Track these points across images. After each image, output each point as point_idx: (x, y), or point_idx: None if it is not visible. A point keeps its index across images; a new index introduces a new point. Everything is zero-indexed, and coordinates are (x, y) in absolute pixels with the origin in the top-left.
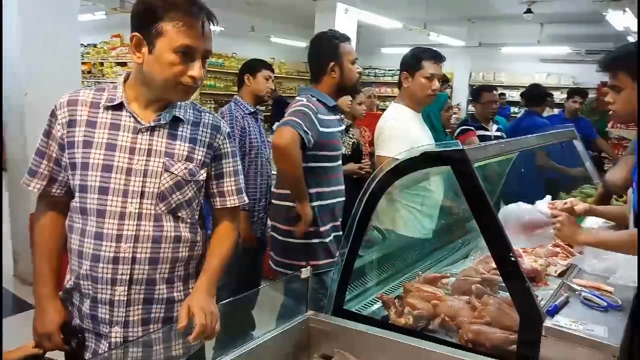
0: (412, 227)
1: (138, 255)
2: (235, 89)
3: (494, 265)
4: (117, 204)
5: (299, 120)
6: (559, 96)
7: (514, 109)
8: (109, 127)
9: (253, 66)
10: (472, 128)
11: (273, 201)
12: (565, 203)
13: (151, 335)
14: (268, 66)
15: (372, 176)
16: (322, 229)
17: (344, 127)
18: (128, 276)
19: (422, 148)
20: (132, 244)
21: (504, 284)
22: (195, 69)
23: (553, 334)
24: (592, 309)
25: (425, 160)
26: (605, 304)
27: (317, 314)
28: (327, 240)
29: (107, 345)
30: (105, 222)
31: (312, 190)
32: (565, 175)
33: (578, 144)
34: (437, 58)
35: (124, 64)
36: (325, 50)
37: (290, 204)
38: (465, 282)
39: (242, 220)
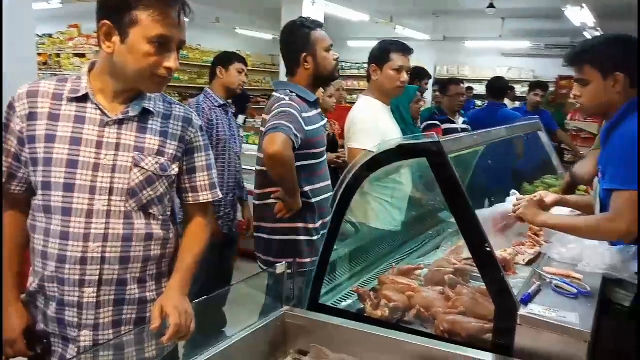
0: (383, 219)
1: (107, 255)
2: (200, 81)
3: (464, 255)
4: (83, 201)
5: (288, 124)
6: (519, 89)
7: (477, 102)
8: (73, 120)
9: (225, 58)
10: (437, 123)
11: (254, 202)
12: (535, 196)
13: (122, 337)
14: (241, 59)
15: (346, 169)
16: (310, 225)
17: (325, 120)
18: (97, 277)
19: (397, 140)
20: (100, 243)
21: (475, 274)
22: (171, 60)
23: (527, 321)
24: (563, 295)
25: (401, 152)
26: (575, 290)
27: (292, 309)
28: (315, 238)
29: (76, 349)
30: (71, 220)
31: (306, 188)
32: (528, 166)
33: (543, 135)
34: (405, 50)
35: (82, 55)
36: (295, 40)
37: (273, 200)
38: (438, 272)
39: None
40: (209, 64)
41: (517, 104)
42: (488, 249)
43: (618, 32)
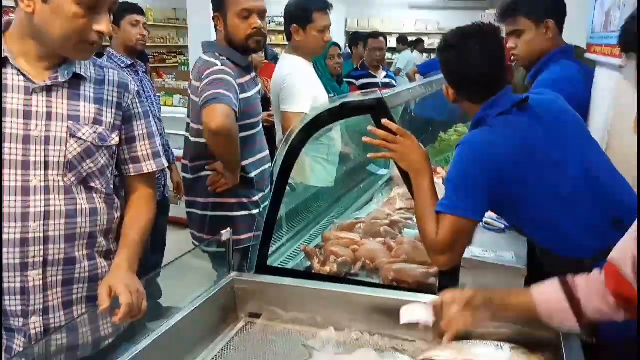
0: (320, 177)
1: (51, 234)
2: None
3: (398, 205)
4: (17, 177)
5: (227, 93)
6: (428, 42)
7: (388, 55)
8: None
9: (115, 13)
10: (354, 82)
11: (186, 176)
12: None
13: (77, 320)
14: (135, 9)
15: (286, 134)
16: (245, 200)
17: (259, 86)
18: (41, 258)
19: (339, 99)
20: (42, 222)
21: (409, 222)
22: (103, 23)
23: (471, 264)
24: (493, 231)
25: (344, 111)
26: (502, 225)
27: (240, 274)
28: (255, 212)
29: (26, 339)
30: (6, 200)
31: (246, 162)
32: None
33: None
34: (326, 7)
35: None
36: None
37: (208, 172)
38: (375, 225)
39: None
40: None
41: (424, 56)
42: None
43: None
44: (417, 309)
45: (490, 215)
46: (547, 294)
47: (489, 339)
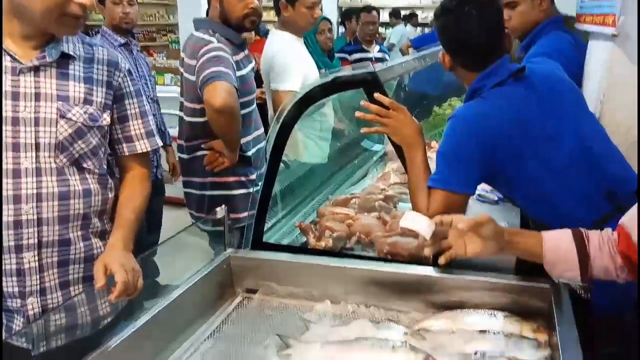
0: (314, 153)
1: (44, 216)
2: (97, 17)
3: (392, 180)
4: (8, 160)
5: (226, 70)
6: (421, 15)
7: (381, 29)
8: None
9: None
10: (346, 57)
11: (182, 156)
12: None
13: (74, 299)
14: None
15: (278, 112)
16: (244, 178)
17: (253, 63)
18: (36, 240)
19: (331, 74)
20: (34, 204)
21: (404, 197)
22: None
23: None
24: (487, 203)
25: (336, 85)
26: (496, 198)
27: (236, 251)
28: (253, 190)
29: (25, 319)
30: None
31: (243, 140)
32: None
33: None
34: None
35: None
36: None
37: (204, 152)
38: (369, 200)
39: None
40: None
41: (418, 30)
42: None
43: None
44: (419, 218)
45: (483, 188)
46: (558, 241)
47: (482, 308)
